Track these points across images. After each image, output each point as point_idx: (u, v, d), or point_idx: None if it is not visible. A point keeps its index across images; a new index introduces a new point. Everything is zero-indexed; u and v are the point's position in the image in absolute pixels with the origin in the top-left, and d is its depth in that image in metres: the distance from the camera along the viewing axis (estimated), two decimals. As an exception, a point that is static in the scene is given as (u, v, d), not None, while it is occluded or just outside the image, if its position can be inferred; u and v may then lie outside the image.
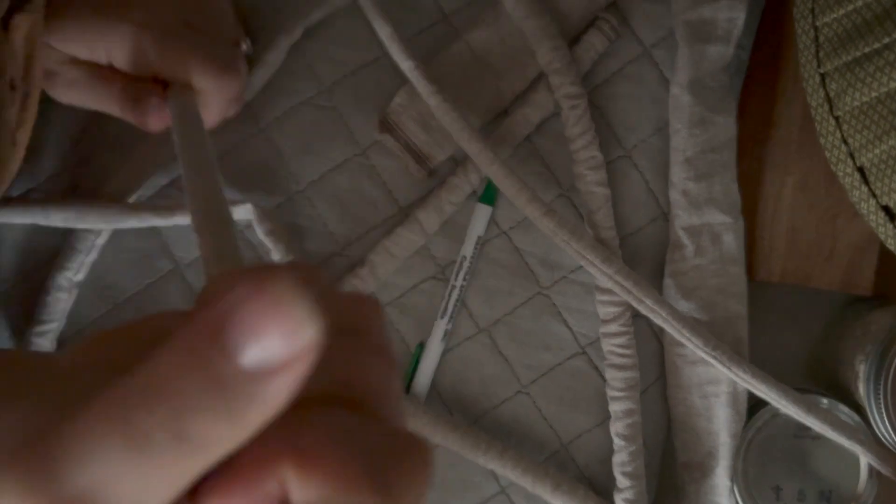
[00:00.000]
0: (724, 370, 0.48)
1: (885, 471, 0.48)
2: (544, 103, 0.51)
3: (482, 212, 0.52)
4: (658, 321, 0.49)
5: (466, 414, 0.52)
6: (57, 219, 0.49)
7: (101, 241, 0.51)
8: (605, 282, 0.49)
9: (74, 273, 0.51)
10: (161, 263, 0.52)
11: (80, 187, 0.52)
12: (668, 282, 0.51)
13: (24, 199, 0.51)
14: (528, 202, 0.49)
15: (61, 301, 0.51)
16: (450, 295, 0.51)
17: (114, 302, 0.52)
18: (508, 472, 0.50)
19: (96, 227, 0.50)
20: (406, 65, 0.50)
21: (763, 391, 0.48)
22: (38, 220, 0.50)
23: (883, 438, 0.47)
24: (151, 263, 0.52)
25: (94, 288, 0.52)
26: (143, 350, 0.18)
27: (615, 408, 0.50)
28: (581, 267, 0.52)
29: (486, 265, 0.52)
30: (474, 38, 0.52)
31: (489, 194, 0.52)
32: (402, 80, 0.52)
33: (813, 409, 0.48)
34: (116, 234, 0.52)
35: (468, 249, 0.51)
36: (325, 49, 0.52)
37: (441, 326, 0.51)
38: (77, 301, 0.52)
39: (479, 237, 0.51)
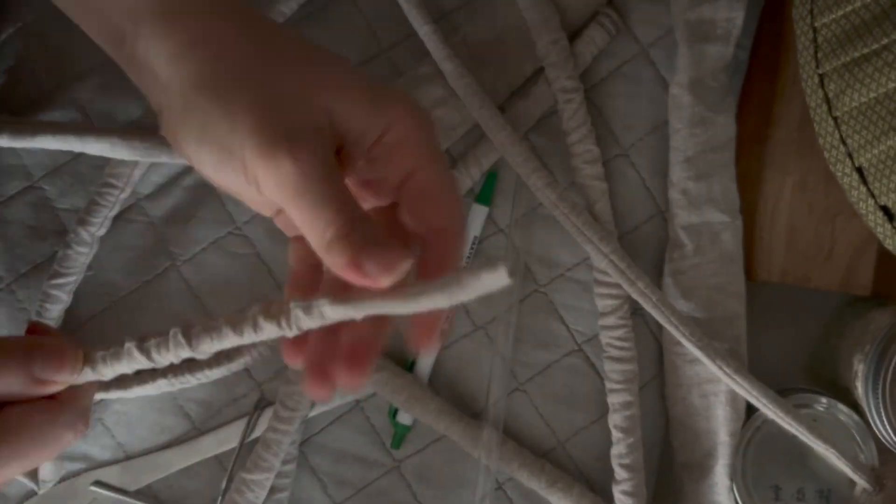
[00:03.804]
0: (709, 361, 0.48)
1: (860, 481, 0.48)
2: (544, 97, 0.51)
3: (478, 212, 0.52)
4: (648, 307, 0.49)
5: (463, 411, 0.52)
6: (93, 148, 0.50)
7: (123, 196, 0.52)
8: (600, 261, 0.49)
9: (97, 228, 0.52)
10: (158, 261, 0.53)
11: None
12: (667, 280, 0.51)
13: (60, 125, 0.51)
14: (532, 171, 0.50)
15: (82, 255, 0.52)
16: (446, 295, 0.51)
17: (111, 300, 0.53)
18: (504, 466, 0.51)
19: (130, 158, 0.51)
20: (423, 29, 0.50)
21: (745, 387, 0.48)
22: (73, 147, 0.50)
23: (881, 437, 0.48)
24: (149, 261, 0.53)
25: (92, 285, 0.53)
26: None
27: (613, 400, 0.50)
28: (578, 265, 0.52)
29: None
30: (471, 36, 0.51)
31: (486, 194, 0.52)
32: (400, 76, 0.52)
33: (790, 412, 0.48)
34: (114, 232, 0.52)
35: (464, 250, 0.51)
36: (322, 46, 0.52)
37: (437, 326, 0.51)
38: (75, 298, 0.52)
39: (475, 237, 0.51)
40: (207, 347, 0.33)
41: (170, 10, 0.34)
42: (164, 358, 0.34)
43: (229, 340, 0.33)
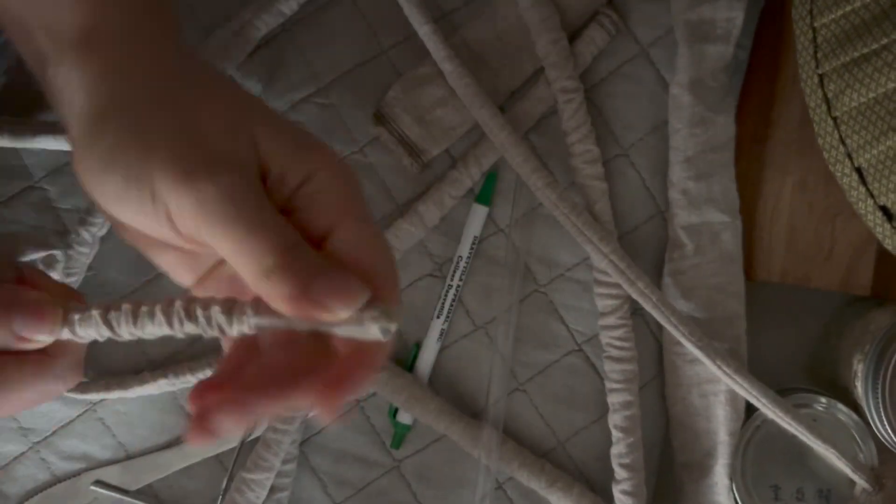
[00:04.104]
0: (709, 361, 0.48)
1: (860, 480, 0.48)
2: (544, 97, 0.51)
3: (478, 212, 0.52)
4: (648, 307, 0.49)
5: (463, 411, 0.52)
6: None
7: None
8: (600, 261, 0.49)
9: (99, 228, 0.52)
10: (159, 261, 0.53)
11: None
12: (667, 281, 0.51)
13: (60, 125, 0.51)
14: (532, 171, 0.50)
15: (83, 255, 0.52)
16: (446, 295, 0.52)
17: (111, 300, 0.52)
18: (504, 466, 0.51)
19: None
20: (423, 29, 0.50)
21: (744, 387, 0.48)
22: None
23: (881, 437, 0.48)
24: (149, 261, 0.52)
25: (92, 285, 0.53)
26: None
27: (613, 399, 0.50)
28: (578, 265, 0.52)
29: (484, 263, 0.52)
30: (471, 36, 0.52)
31: (486, 194, 0.52)
32: (399, 76, 0.52)
33: (790, 412, 0.48)
34: (114, 232, 0.52)
35: (464, 249, 0.51)
36: (323, 47, 0.52)
37: (437, 327, 0.51)
38: (75, 298, 0.52)
39: (475, 237, 0.52)
40: (151, 330, 0.33)
41: (89, 39, 0.33)
42: (124, 332, 0.33)
43: (160, 328, 0.32)
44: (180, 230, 0.31)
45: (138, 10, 0.35)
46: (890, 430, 0.47)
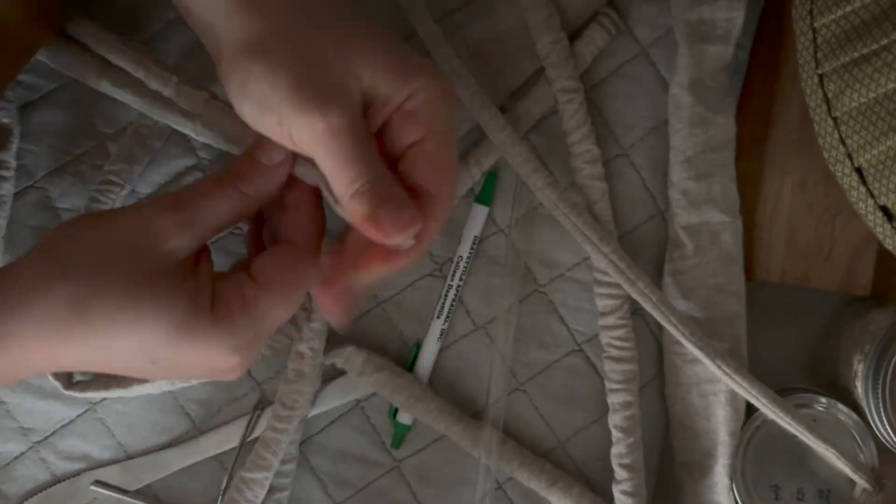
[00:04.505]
0: (709, 361, 0.48)
1: (860, 481, 0.48)
2: (545, 97, 0.51)
3: (479, 212, 0.52)
4: (648, 307, 0.49)
5: (463, 412, 0.52)
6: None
7: (124, 193, 0.52)
8: (600, 261, 0.49)
9: None
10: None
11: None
12: (667, 281, 0.51)
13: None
14: (532, 171, 0.50)
15: None
16: (446, 295, 0.52)
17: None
18: (504, 466, 0.51)
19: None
20: (423, 28, 0.50)
21: (744, 387, 0.48)
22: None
23: (881, 437, 0.48)
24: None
25: (93, 285, 0.52)
26: None
27: (613, 400, 0.50)
28: (578, 264, 0.52)
29: (484, 263, 0.52)
30: (471, 36, 0.52)
31: (486, 194, 0.52)
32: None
33: (790, 412, 0.48)
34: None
35: (464, 250, 0.51)
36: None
37: (437, 327, 0.51)
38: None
39: (475, 237, 0.52)
40: None
41: None
42: None
43: None
44: (299, 145, 0.39)
45: None
46: (890, 431, 0.47)
